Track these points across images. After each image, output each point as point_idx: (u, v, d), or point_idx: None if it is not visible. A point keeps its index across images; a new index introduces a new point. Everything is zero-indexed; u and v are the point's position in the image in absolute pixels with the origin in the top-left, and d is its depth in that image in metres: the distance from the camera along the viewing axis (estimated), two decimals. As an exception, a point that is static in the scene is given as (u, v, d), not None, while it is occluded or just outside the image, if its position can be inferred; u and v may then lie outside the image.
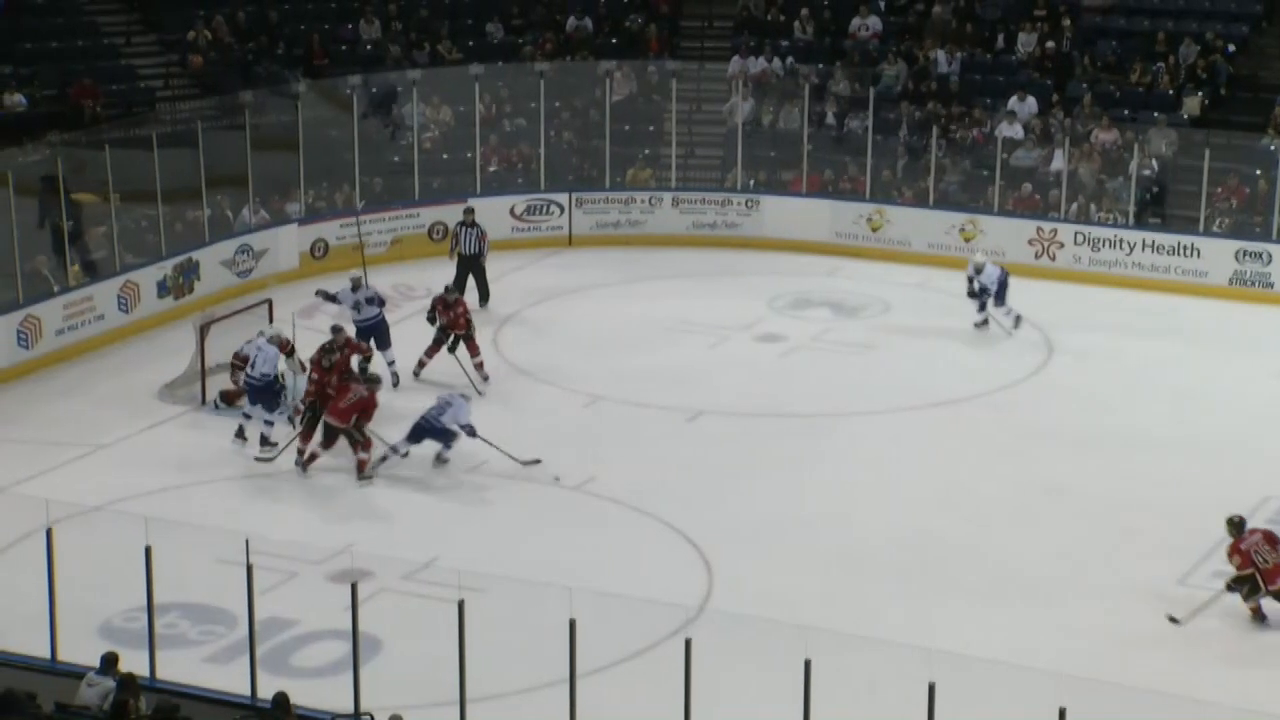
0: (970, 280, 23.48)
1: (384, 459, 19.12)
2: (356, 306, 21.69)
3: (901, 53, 29.62)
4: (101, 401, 21.29)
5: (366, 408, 19.00)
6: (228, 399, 20.90)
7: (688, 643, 11.95)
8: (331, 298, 21.85)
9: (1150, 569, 16.99)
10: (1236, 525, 16.44)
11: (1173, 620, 15.66)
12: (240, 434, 19.88)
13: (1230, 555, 16.27)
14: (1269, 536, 16.33)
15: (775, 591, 16.36)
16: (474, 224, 24.24)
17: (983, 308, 23.58)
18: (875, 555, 17.37)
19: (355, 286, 21.73)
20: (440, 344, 21.62)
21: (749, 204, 27.99)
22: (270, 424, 19.62)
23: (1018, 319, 23.55)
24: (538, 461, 19.23)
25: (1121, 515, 18.13)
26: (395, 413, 19.93)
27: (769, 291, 25.27)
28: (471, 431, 19.21)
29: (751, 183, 28.39)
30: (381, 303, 21.79)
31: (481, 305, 23.86)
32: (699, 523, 17.86)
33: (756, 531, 17.86)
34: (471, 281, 24.02)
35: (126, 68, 29.00)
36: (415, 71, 28.61)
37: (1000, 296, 23.51)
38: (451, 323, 21.55)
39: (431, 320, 21.72)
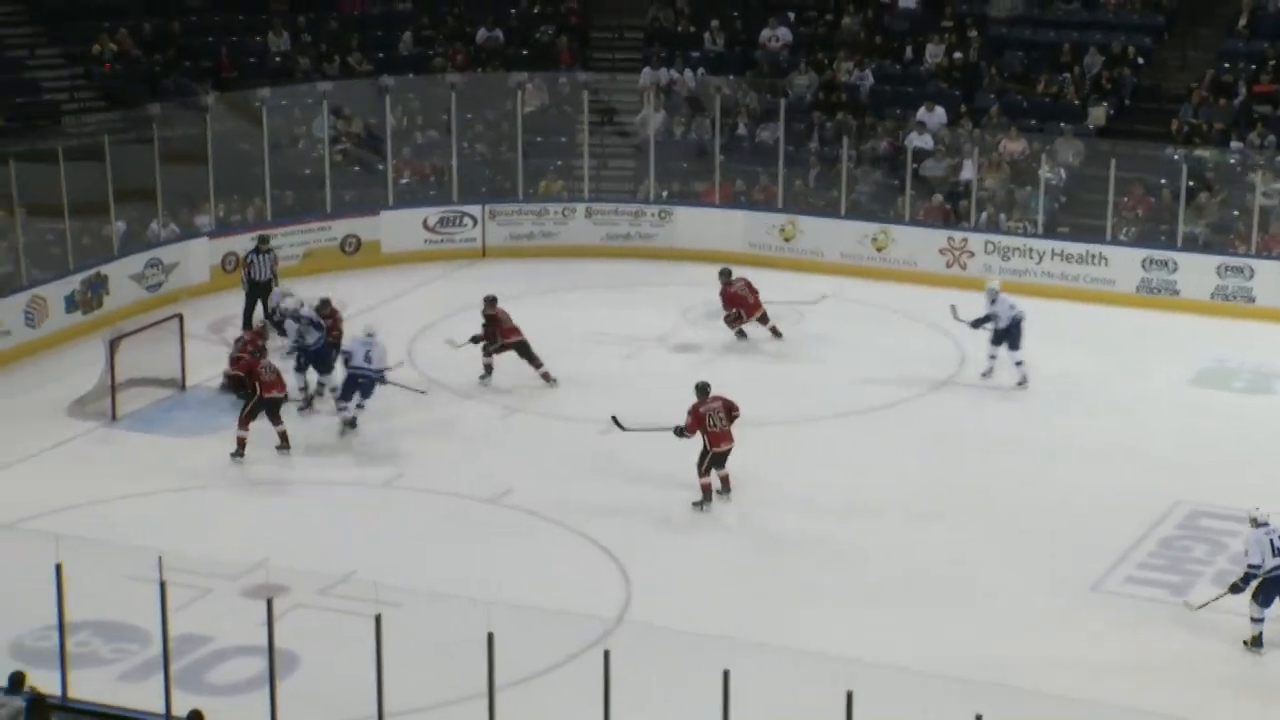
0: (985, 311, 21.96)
1: None
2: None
3: (812, 63, 29.79)
4: (10, 418, 20.99)
5: None
6: (235, 385, 20.89)
7: (606, 654, 11.93)
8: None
9: (1065, 575, 17.14)
10: (701, 389, 18.69)
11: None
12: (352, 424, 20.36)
13: (688, 415, 18.44)
14: (727, 405, 18.55)
15: (693, 601, 16.39)
16: (269, 250, 24.06)
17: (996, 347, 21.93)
18: (792, 564, 17.44)
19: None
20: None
21: (662, 215, 28.04)
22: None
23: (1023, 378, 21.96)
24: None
25: (1034, 522, 18.28)
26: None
27: (683, 302, 25.28)
28: None
29: (664, 194, 28.46)
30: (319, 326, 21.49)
31: (245, 327, 23.30)
32: (616, 533, 17.87)
33: (673, 541, 17.91)
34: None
35: (30, 81, 28.61)
36: (325, 84, 28.45)
37: (1013, 339, 21.89)
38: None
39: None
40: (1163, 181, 26.60)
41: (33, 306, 23.20)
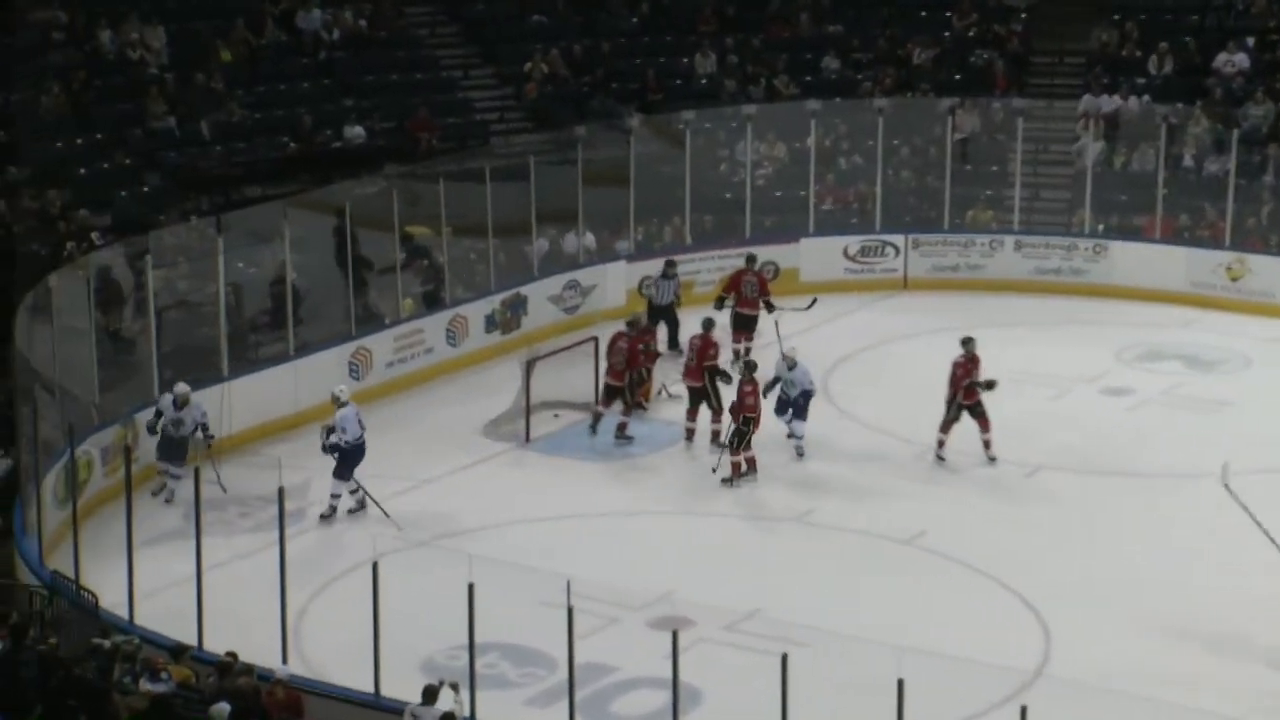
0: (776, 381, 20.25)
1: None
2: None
3: (1270, 92, 28.04)
4: (427, 435, 21.31)
5: None
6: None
7: (1023, 709, 11.25)
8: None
9: None
10: (750, 367, 19.77)
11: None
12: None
13: (745, 388, 19.50)
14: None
15: (1116, 659, 15.63)
16: (674, 275, 24.01)
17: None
18: (1223, 626, 16.34)
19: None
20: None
21: (1097, 249, 26.89)
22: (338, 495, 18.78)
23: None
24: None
25: None
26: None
27: (1117, 342, 24.27)
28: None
29: (1100, 227, 27.36)
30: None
31: (671, 349, 23.29)
32: (1036, 583, 17.20)
33: (1098, 595, 17.06)
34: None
35: (463, 101, 29.29)
36: (750, 107, 28.25)
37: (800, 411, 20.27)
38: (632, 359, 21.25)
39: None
40: None
41: (454, 325, 23.56)
